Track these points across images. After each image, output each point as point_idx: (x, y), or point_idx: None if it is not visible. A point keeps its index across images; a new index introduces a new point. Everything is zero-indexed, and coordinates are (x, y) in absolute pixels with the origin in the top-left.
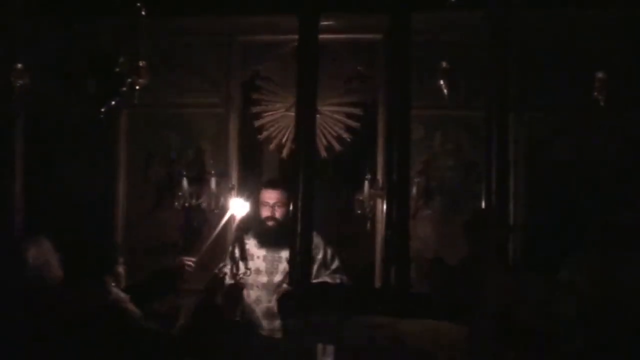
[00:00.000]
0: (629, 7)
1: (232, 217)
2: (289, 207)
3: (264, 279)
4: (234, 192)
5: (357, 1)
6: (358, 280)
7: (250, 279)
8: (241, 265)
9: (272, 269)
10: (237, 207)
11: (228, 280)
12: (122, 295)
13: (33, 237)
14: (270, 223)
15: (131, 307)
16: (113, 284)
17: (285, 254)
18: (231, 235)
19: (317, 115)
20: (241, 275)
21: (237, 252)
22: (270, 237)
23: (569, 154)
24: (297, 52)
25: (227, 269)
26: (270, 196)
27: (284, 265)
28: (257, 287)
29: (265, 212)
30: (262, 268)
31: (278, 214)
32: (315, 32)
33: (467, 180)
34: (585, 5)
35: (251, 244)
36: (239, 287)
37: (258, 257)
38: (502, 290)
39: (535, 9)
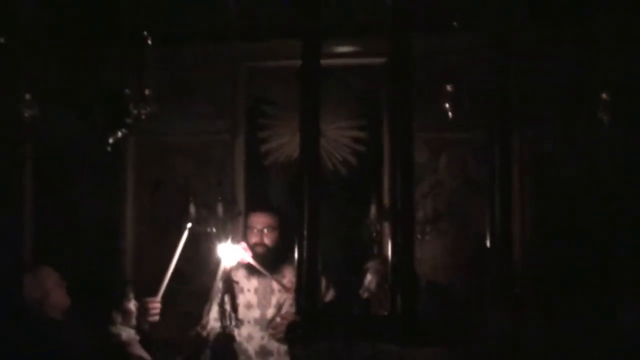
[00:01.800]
0: (632, 25)
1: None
2: (278, 232)
3: (255, 313)
4: (241, 218)
5: (359, 26)
6: (365, 305)
7: (242, 314)
8: (232, 315)
9: (264, 302)
10: (226, 254)
11: (215, 330)
12: (130, 335)
13: (33, 267)
14: (258, 249)
15: (139, 351)
16: (120, 322)
17: (277, 285)
18: (218, 284)
19: (323, 140)
20: (230, 327)
21: (227, 304)
22: (260, 265)
23: (575, 171)
24: (300, 77)
25: (214, 320)
26: (259, 220)
27: (276, 298)
28: (249, 322)
29: (253, 238)
30: (253, 302)
31: (267, 239)
32: (317, 57)
33: (473, 202)
34: (588, 22)
35: (240, 276)
36: (227, 339)
37: (249, 290)
38: (501, 327)
39: (538, 28)
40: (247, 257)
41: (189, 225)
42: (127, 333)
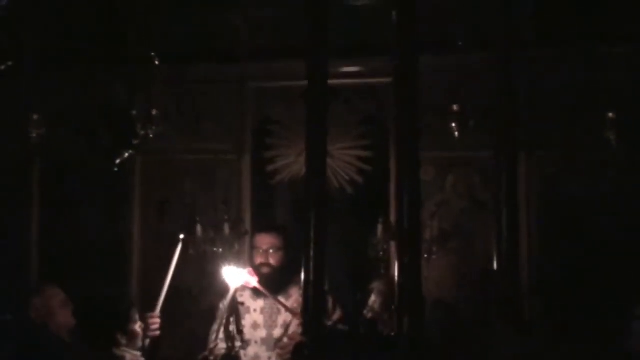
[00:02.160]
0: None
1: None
2: (284, 252)
3: (262, 333)
4: (247, 237)
5: (365, 46)
6: (372, 325)
7: (248, 334)
8: (237, 336)
9: (270, 322)
10: (232, 276)
11: (222, 352)
12: (136, 359)
13: (39, 285)
14: (264, 270)
15: None
16: (125, 345)
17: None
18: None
19: (329, 159)
20: (237, 349)
21: (232, 325)
22: (266, 285)
23: (582, 191)
24: (306, 98)
25: (220, 341)
26: (264, 241)
27: (283, 318)
28: (256, 342)
29: (258, 259)
30: (260, 322)
31: (273, 259)
32: (323, 77)
33: (480, 221)
34: (595, 42)
35: (246, 296)
36: None
37: (255, 310)
38: (508, 347)
39: (544, 48)
40: (253, 282)
41: (182, 236)
42: (132, 356)
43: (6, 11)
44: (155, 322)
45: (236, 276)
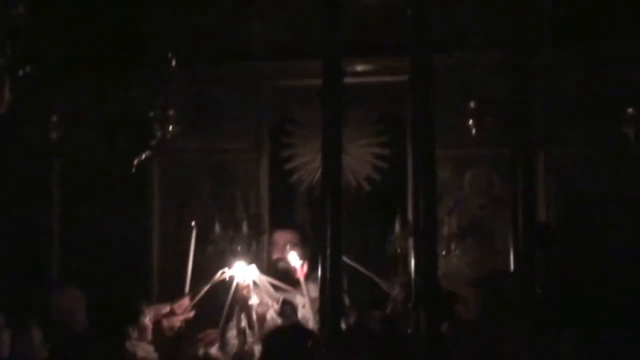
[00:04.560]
0: None
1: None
2: (301, 249)
3: None
4: (266, 235)
5: (380, 44)
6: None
7: (267, 330)
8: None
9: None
10: (240, 272)
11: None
12: (147, 353)
13: (61, 285)
14: (281, 265)
15: None
16: (136, 338)
17: (300, 299)
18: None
19: (346, 157)
20: (249, 344)
21: (243, 321)
22: (283, 280)
23: (600, 189)
24: (322, 97)
25: (233, 338)
26: (281, 237)
27: (301, 313)
28: None
29: (276, 254)
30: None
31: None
32: (338, 76)
33: (499, 218)
34: (613, 39)
35: (264, 293)
36: (247, 356)
37: (273, 306)
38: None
39: (561, 45)
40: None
41: (193, 223)
42: (143, 350)
43: (24, 21)
44: (186, 304)
45: (242, 272)
